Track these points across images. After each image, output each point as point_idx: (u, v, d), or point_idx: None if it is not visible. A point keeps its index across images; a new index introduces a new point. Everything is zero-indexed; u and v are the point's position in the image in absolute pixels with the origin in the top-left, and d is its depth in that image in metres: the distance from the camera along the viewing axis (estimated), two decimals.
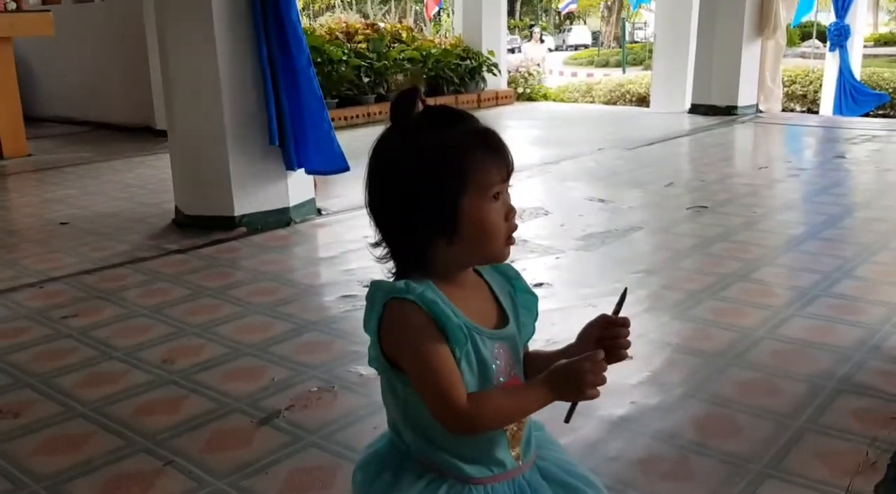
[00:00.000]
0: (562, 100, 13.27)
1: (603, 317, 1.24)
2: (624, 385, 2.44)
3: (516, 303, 1.30)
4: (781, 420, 2.22)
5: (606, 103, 14.41)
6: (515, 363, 1.27)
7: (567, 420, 1.25)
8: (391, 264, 1.23)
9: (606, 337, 1.22)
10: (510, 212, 1.18)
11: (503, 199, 1.18)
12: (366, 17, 14.87)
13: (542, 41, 16.22)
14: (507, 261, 1.25)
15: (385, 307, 1.16)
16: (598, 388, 1.16)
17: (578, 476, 1.34)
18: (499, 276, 1.30)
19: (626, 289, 1.27)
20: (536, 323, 1.32)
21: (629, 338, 1.22)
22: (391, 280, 1.22)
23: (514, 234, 1.21)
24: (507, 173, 1.17)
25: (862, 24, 12.91)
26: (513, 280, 1.31)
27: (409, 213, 1.16)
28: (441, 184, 1.14)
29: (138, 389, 2.54)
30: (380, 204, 1.20)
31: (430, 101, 1.21)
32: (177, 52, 4.42)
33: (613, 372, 1.21)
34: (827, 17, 13.07)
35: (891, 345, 2.71)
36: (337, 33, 9.22)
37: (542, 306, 1.30)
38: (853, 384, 2.44)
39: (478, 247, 1.18)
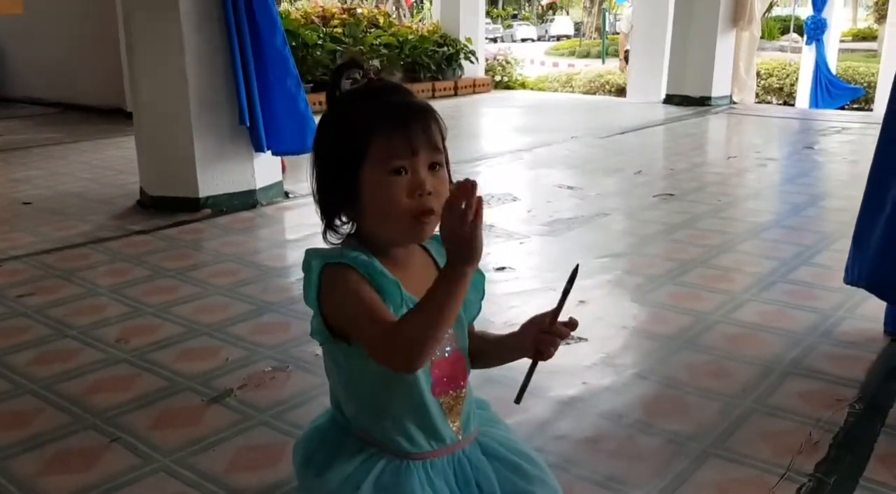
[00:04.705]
0: (540, 89, 13.28)
1: (550, 315, 1.24)
2: (577, 366, 2.45)
3: None
4: (729, 401, 2.25)
5: (586, 93, 14.45)
6: (457, 337, 1.27)
7: (518, 400, 1.26)
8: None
9: (547, 334, 1.23)
10: (416, 189, 1.14)
11: (412, 176, 1.14)
12: (343, 1, 14.78)
13: None
14: None
15: (322, 275, 1.16)
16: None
17: (519, 452, 1.35)
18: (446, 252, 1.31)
19: (577, 266, 1.24)
20: (499, 305, 1.34)
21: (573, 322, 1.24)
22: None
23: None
24: (411, 149, 1.14)
25: (839, 18, 13.04)
26: None
27: (323, 182, 1.20)
28: (343, 154, 1.16)
29: (90, 367, 2.52)
30: (312, 178, 1.23)
31: (408, 87, 1.21)
32: (141, 30, 4.37)
33: (568, 354, 1.21)
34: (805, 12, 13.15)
35: (842, 330, 2.75)
36: (313, 17, 9.16)
37: (503, 289, 1.31)
38: (802, 367, 2.47)
39: (381, 222, 1.17)
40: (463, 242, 1.03)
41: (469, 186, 1.02)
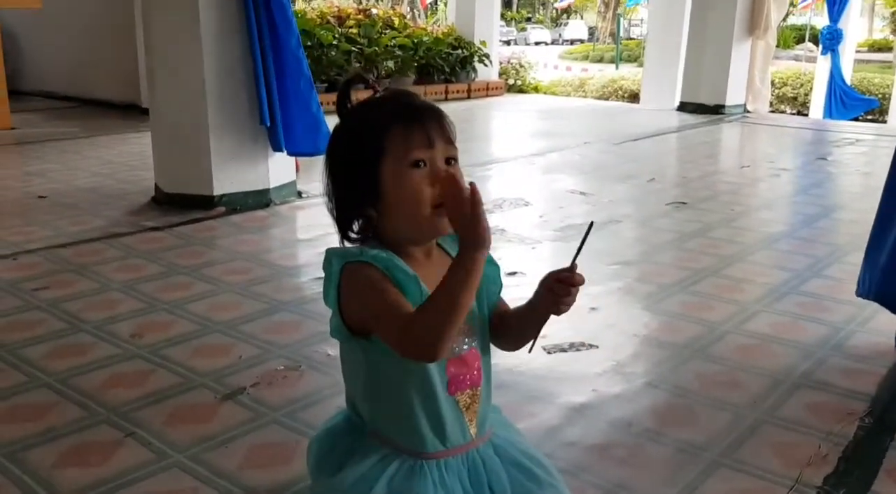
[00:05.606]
0: (553, 94, 13.29)
1: (564, 273, 1.24)
2: (587, 373, 2.46)
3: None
4: (739, 412, 2.25)
5: (599, 98, 14.46)
6: (474, 335, 1.29)
7: (530, 349, 1.30)
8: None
9: (561, 282, 1.24)
10: (438, 179, 1.18)
11: (431, 168, 1.18)
12: (358, 2, 14.83)
13: None
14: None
15: (342, 273, 1.19)
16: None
17: (531, 456, 1.36)
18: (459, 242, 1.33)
19: (591, 223, 1.25)
20: (509, 305, 1.35)
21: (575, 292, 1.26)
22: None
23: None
24: (429, 141, 1.17)
25: (855, 28, 12.99)
26: None
27: (341, 188, 1.23)
28: (361, 154, 1.19)
29: (105, 362, 2.54)
30: (326, 187, 1.26)
31: (420, 90, 1.25)
32: (160, 26, 4.40)
33: (578, 361, 1.21)
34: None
35: (853, 344, 2.75)
36: (328, 17, 9.19)
37: (514, 294, 1.32)
38: (813, 380, 2.47)
39: (404, 215, 1.20)
40: (469, 227, 1.07)
41: (450, 179, 1.12)
